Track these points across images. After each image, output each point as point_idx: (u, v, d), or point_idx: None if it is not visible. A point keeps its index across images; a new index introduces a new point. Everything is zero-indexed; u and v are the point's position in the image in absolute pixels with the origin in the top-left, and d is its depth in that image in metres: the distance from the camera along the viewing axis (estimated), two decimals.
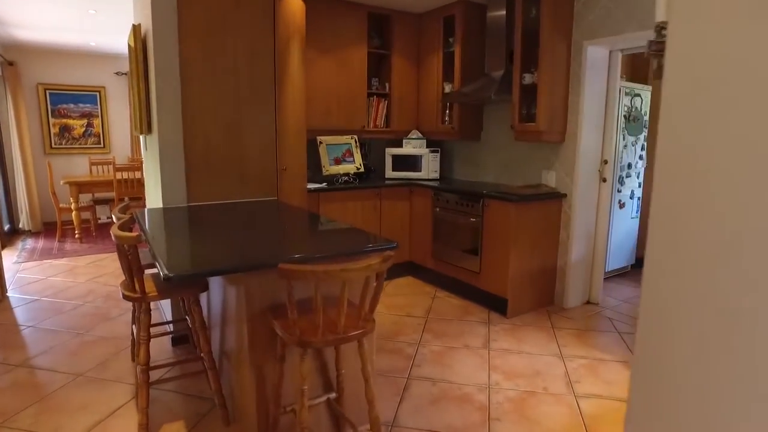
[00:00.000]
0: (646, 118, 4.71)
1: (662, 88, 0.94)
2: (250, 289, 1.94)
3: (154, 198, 3.45)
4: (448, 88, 4.61)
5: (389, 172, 4.87)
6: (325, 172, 4.43)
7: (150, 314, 2.27)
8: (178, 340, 3.24)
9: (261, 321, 1.96)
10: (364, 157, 4.82)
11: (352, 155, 4.56)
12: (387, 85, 4.79)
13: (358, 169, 4.55)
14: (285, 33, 3.57)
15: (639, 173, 4.81)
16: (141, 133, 3.39)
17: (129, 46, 3.37)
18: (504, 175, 4.56)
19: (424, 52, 4.81)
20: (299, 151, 3.85)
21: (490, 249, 3.89)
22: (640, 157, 4.77)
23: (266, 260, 1.83)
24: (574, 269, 4.01)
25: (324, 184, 4.30)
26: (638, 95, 4.57)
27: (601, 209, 4.08)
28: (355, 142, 4.57)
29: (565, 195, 3.98)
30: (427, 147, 4.89)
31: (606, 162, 4.00)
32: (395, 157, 4.84)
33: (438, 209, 4.38)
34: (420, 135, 4.94)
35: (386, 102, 4.80)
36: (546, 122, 3.74)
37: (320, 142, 4.43)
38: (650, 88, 4.75)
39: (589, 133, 3.87)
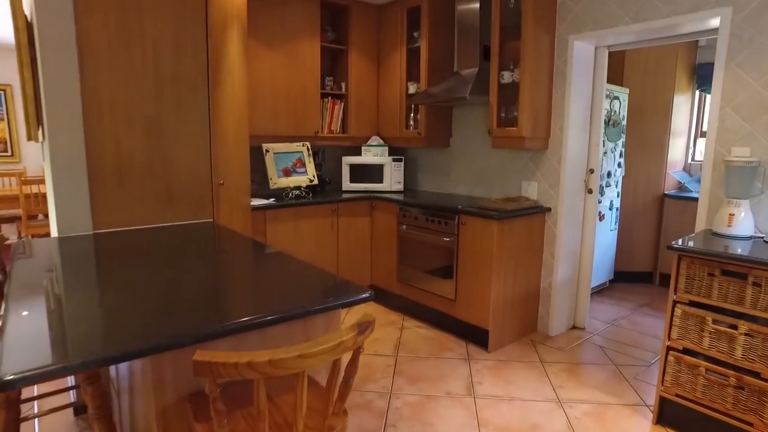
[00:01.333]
0: (624, 123, 4.36)
1: None
2: (159, 372, 1.29)
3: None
4: (412, 89, 4.08)
5: (347, 184, 4.27)
6: (272, 186, 3.77)
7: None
8: (83, 409, 2.50)
9: (178, 417, 1.31)
10: (317, 167, 4.20)
11: (303, 165, 3.93)
12: (343, 84, 4.20)
13: (311, 181, 3.92)
14: (220, 18, 2.92)
15: (618, 182, 4.45)
16: (31, 138, 2.63)
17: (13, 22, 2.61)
18: (478, 187, 4.06)
19: (385, 48, 4.26)
20: (240, 161, 3.19)
21: (468, 273, 3.37)
22: (619, 165, 4.40)
23: (180, 336, 1.19)
24: (559, 292, 3.55)
25: (271, 200, 3.65)
26: (617, 98, 4.20)
27: (586, 224, 3.66)
28: (308, 150, 3.95)
29: (549, 209, 3.52)
30: (389, 155, 4.34)
31: (592, 171, 3.57)
32: (354, 167, 4.25)
33: (404, 227, 3.82)
34: (381, 141, 4.38)
35: (343, 104, 4.21)
36: (529, 127, 3.26)
37: (266, 151, 3.78)
38: (627, 90, 4.40)
39: (575, 138, 3.43)
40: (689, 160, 4.91)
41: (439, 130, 4.12)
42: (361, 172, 4.26)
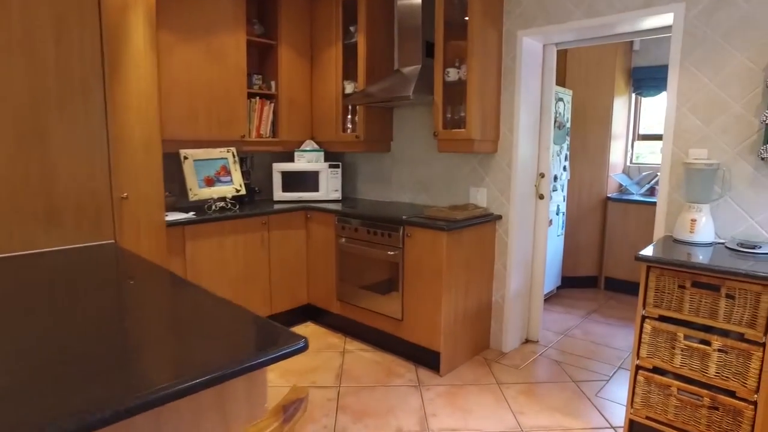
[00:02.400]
0: (568, 125, 4.25)
1: None
2: None
3: None
4: (349, 88, 3.74)
5: (279, 194, 3.86)
6: (192, 197, 3.29)
7: None
8: None
9: None
10: (245, 175, 3.76)
11: (229, 173, 3.47)
12: (273, 83, 3.79)
13: (237, 191, 3.48)
14: None
15: (563, 186, 4.33)
16: None
17: None
18: (422, 195, 3.78)
19: (319, 44, 3.89)
20: (151, 170, 2.72)
21: (415, 290, 3.07)
22: (564, 168, 4.29)
23: None
24: (511, 305, 3.33)
25: (191, 214, 3.18)
26: (561, 99, 4.08)
27: (538, 231, 3.47)
28: (233, 156, 3.50)
29: (500, 216, 3.30)
30: (325, 161, 3.97)
31: (542, 175, 3.39)
32: (286, 175, 3.85)
33: (344, 239, 3.47)
34: (316, 146, 4.00)
35: (273, 105, 3.80)
36: (478, 128, 3.02)
37: (185, 157, 3.30)
38: (571, 92, 4.30)
39: (525, 141, 3.23)
40: (628, 163, 4.91)
41: (379, 133, 3.80)
42: (295, 180, 3.86)
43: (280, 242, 3.57)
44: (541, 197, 3.41)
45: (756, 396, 1.96)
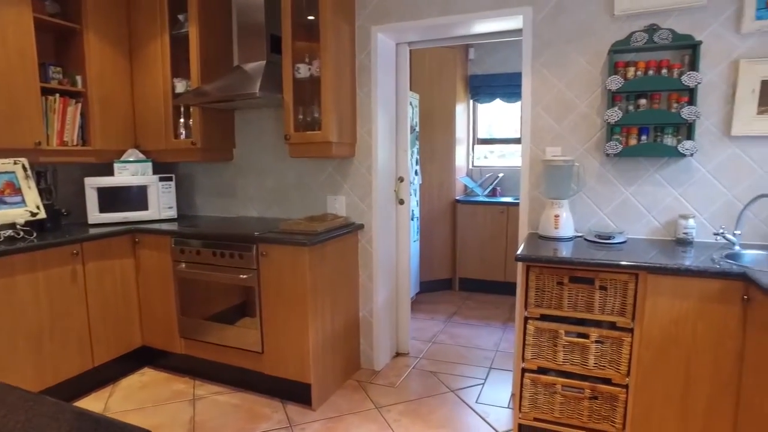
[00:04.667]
0: (417, 129, 4.25)
1: None
2: None
3: None
4: (181, 87, 3.18)
5: (96, 215, 3.11)
6: None
7: None
8: None
9: None
10: (44, 193, 2.94)
11: (18, 192, 2.66)
12: (79, 78, 3.04)
13: (33, 214, 2.68)
14: None
15: (416, 190, 4.31)
16: None
17: None
18: (274, 207, 3.38)
19: (140, 33, 3.24)
20: None
21: (276, 316, 2.67)
22: (416, 173, 4.27)
23: None
24: (380, 318, 3.12)
25: None
26: (410, 103, 4.04)
27: (400, 237, 3.33)
28: (24, 169, 2.70)
29: (362, 225, 3.07)
30: (154, 173, 3.33)
31: (402, 179, 3.26)
32: (104, 191, 3.12)
33: (183, 265, 2.91)
34: (142, 156, 3.34)
35: (80, 105, 3.05)
36: (335, 130, 2.75)
37: None
38: (418, 96, 4.31)
39: (383, 144, 3.06)
40: (470, 166, 5.13)
41: (220, 139, 3.31)
42: (116, 198, 3.16)
43: (99, 276, 2.85)
44: (402, 202, 3.28)
45: (627, 379, 2.02)
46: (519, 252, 2.14)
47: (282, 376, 2.71)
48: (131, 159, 3.28)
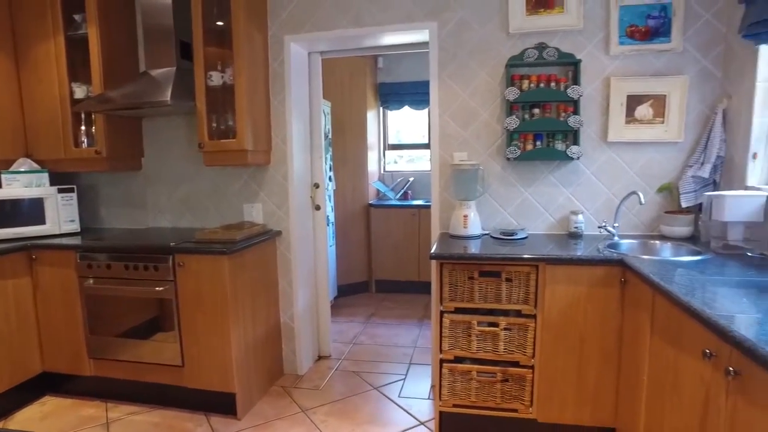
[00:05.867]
0: (330, 136, 4.33)
1: None
2: None
3: None
4: (81, 92, 3.00)
5: None
6: None
7: None
8: None
9: None
10: None
11: None
12: None
13: None
14: None
15: (330, 196, 4.38)
16: None
17: None
18: (187, 216, 3.29)
19: (26, 33, 3.00)
20: None
21: (196, 327, 2.62)
22: (330, 179, 4.35)
23: None
24: (301, 323, 3.16)
25: None
26: (323, 110, 4.11)
27: (318, 243, 3.39)
28: None
29: (280, 232, 3.09)
30: (51, 184, 3.10)
31: (317, 185, 3.33)
32: None
33: (92, 281, 2.75)
34: (36, 166, 3.09)
35: None
36: (250, 138, 2.76)
37: None
38: (330, 103, 4.39)
39: (298, 151, 3.11)
40: (382, 171, 5.30)
41: (127, 147, 3.16)
42: (7, 212, 2.90)
43: None
44: (318, 208, 3.35)
45: (533, 360, 2.25)
46: (432, 251, 2.30)
47: (205, 388, 2.65)
48: (23, 169, 3.03)
